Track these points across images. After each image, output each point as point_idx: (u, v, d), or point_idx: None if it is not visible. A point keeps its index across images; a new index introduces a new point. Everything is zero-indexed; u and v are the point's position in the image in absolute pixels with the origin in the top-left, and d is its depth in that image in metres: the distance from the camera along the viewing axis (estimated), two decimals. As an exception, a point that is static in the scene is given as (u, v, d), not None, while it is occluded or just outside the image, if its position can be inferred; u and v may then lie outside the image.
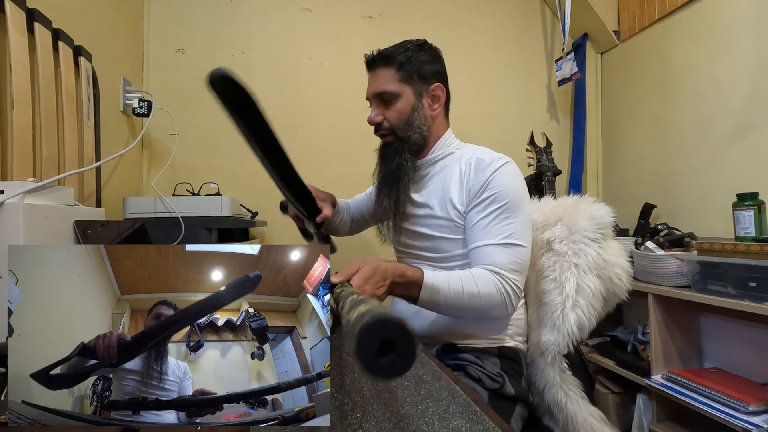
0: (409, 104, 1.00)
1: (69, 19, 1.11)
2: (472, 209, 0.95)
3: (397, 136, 1.02)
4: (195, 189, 1.42)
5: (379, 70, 1.01)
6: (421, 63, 1.00)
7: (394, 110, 1.01)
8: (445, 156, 1.05)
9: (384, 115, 1.02)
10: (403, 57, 0.99)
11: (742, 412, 1.15)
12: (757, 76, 1.46)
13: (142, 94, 1.48)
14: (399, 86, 1.00)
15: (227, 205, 1.25)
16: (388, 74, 1.00)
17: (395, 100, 1.00)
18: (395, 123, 1.01)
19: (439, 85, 1.03)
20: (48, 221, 0.74)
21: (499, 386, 0.86)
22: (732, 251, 1.21)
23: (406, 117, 1.00)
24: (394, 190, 1.02)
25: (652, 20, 1.88)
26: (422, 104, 1.02)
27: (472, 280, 0.86)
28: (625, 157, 2.08)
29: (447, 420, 0.43)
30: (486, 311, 0.89)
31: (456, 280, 0.86)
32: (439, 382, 0.54)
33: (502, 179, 0.93)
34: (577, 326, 0.91)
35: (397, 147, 1.02)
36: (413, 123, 1.01)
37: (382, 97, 1.01)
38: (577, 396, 0.94)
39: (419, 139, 1.02)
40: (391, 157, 1.02)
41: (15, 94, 0.88)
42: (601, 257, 0.94)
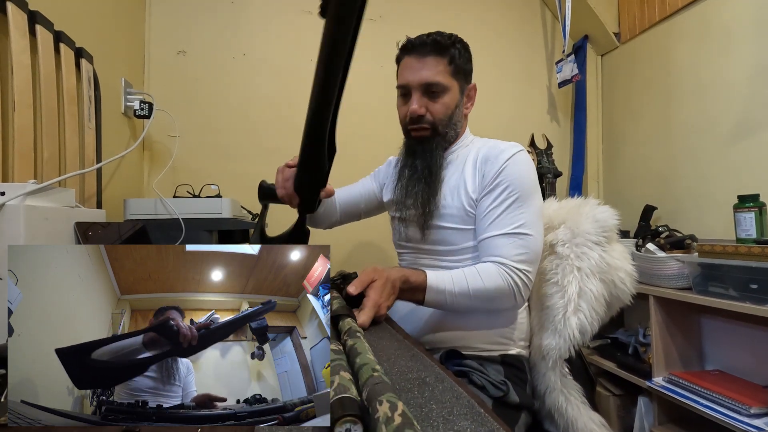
0: (454, 100, 0.97)
1: (70, 21, 1.11)
2: (483, 196, 0.93)
3: (437, 131, 0.98)
4: (196, 191, 1.42)
5: (430, 58, 0.95)
6: (465, 60, 0.98)
7: (441, 104, 0.96)
8: (459, 148, 1.03)
9: (428, 108, 0.97)
10: (456, 51, 0.96)
11: (744, 414, 1.14)
12: (758, 78, 1.46)
13: (143, 95, 1.49)
14: (449, 80, 0.96)
15: (228, 207, 1.25)
16: (441, 65, 0.95)
17: (444, 93, 0.96)
18: (440, 117, 0.97)
19: (474, 86, 1.03)
20: (49, 223, 0.74)
21: (503, 394, 0.84)
22: (733, 253, 1.20)
23: (450, 113, 0.97)
24: (426, 186, 0.97)
25: (653, 22, 1.88)
26: (462, 101, 1.00)
27: (476, 276, 0.86)
28: (626, 158, 2.08)
29: (452, 422, 0.43)
30: (494, 304, 0.89)
31: (460, 278, 0.86)
32: (443, 384, 0.54)
33: (515, 167, 0.92)
34: (579, 331, 0.89)
35: (437, 142, 0.98)
36: (453, 119, 0.98)
37: (431, 88, 0.95)
38: (578, 401, 0.93)
39: (453, 136, 1.01)
40: (431, 152, 0.98)
41: (16, 95, 0.88)
42: (604, 261, 0.93)
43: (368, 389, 0.40)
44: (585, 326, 0.90)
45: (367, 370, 0.44)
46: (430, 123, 0.97)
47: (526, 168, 0.94)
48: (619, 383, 1.67)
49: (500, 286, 0.86)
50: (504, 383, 0.86)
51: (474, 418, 0.44)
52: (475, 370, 0.87)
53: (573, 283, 0.92)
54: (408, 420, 0.34)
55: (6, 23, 0.87)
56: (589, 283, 0.92)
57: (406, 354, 0.70)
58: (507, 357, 0.94)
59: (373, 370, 0.43)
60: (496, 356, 0.94)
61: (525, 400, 0.87)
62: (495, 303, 0.89)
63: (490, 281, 0.86)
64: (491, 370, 0.89)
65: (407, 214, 1.01)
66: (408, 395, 0.50)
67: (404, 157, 1.03)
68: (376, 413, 0.36)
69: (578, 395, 0.94)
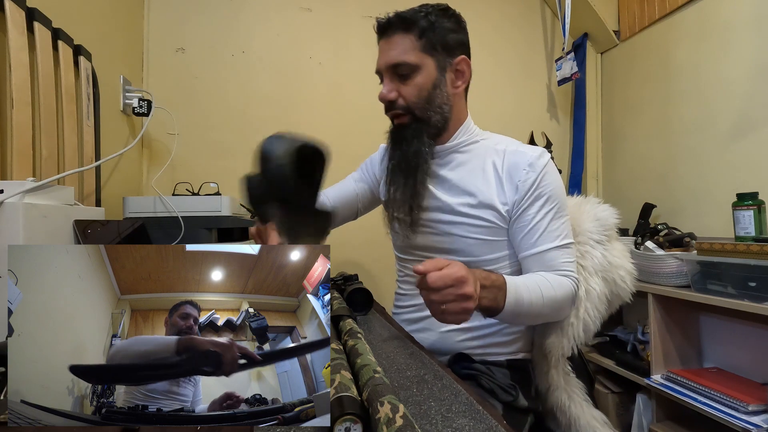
0: (430, 79, 0.86)
1: (69, 19, 1.11)
2: (524, 210, 0.86)
3: (415, 116, 0.88)
4: (195, 188, 1.42)
5: (396, 36, 0.86)
6: (445, 31, 0.86)
7: (413, 85, 0.86)
8: (470, 143, 0.93)
9: (399, 91, 0.87)
10: (426, 22, 0.85)
11: (742, 411, 1.15)
12: (757, 76, 1.46)
13: (141, 93, 1.48)
14: (420, 57, 0.85)
15: (227, 205, 1.25)
16: (407, 42, 0.85)
17: (414, 73, 0.85)
18: (413, 101, 0.87)
19: (464, 58, 0.89)
20: (48, 221, 0.74)
21: (512, 399, 0.83)
22: (732, 251, 1.21)
23: (426, 94, 0.86)
24: (410, 179, 0.89)
25: (653, 20, 1.88)
26: (445, 80, 0.88)
27: (549, 285, 0.81)
28: (625, 156, 2.08)
29: (450, 419, 0.43)
30: (561, 313, 0.87)
31: (534, 286, 0.79)
32: (441, 381, 0.54)
33: (551, 176, 0.87)
34: (584, 329, 0.90)
35: (416, 129, 0.88)
36: (434, 101, 0.87)
37: (399, 69, 0.86)
38: (581, 399, 0.93)
39: (440, 120, 0.89)
40: (408, 140, 0.88)
41: (14, 93, 0.88)
42: (606, 259, 0.93)
43: (369, 390, 0.40)
44: (589, 325, 0.90)
45: (368, 371, 0.44)
46: (403, 108, 0.88)
47: (557, 175, 0.90)
48: (617, 381, 1.68)
49: (569, 294, 0.84)
50: (513, 387, 0.84)
51: (472, 416, 0.44)
52: (484, 373, 0.85)
53: (582, 284, 0.92)
54: (409, 422, 0.34)
55: (4, 20, 0.87)
56: (591, 281, 0.92)
57: (405, 352, 0.70)
58: (514, 362, 0.92)
59: (374, 371, 0.43)
60: (502, 361, 0.92)
61: (532, 403, 0.87)
62: (563, 312, 0.87)
63: (562, 292, 0.82)
64: (498, 373, 0.87)
65: (396, 208, 0.93)
66: (407, 393, 0.50)
67: (388, 147, 0.94)
68: (377, 414, 0.36)
69: (581, 393, 0.94)
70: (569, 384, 0.94)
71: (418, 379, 0.55)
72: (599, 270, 0.92)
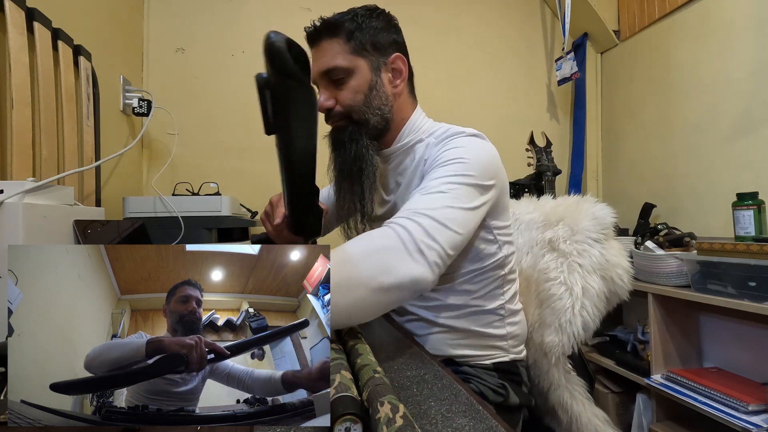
0: (365, 81, 0.83)
1: (68, 19, 1.11)
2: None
3: (352, 119, 0.84)
4: (195, 188, 1.42)
5: (323, 42, 0.83)
6: (374, 31, 0.83)
7: (348, 89, 0.82)
8: (415, 143, 0.88)
9: (336, 98, 0.84)
10: (352, 24, 0.82)
11: (742, 411, 1.15)
12: (758, 76, 1.46)
13: (141, 93, 1.48)
14: (350, 60, 0.82)
15: (227, 205, 1.25)
16: (336, 47, 0.82)
17: (348, 77, 0.82)
18: (350, 104, 0.83)
19: (399, 56, 0.86)
20: (47, 221, 0.74)
21: (503, 399, 0.82)
22: (732, 251, 1.21)
23: (362, 97, 0.83)
24: (357, 185, 0.85)
25: (652, 20, 1.88)
26: (381, 80, 0.84)
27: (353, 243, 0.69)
28: (625, 156, 2.08)
29: (450, 419, 0.43)
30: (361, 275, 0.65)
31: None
32: (441, 381, 0.54)
33: (455, 145, 0.79)
34: (583, 327, 0.90)
35: (351, 131, 0.84)
36: (372, 103, 0.83)
37: (331, 75, 0.82)
38: (583, 397, 0.93)
39: (379, 121, 0.85)
40: (344, 144, 0.84)
41: (14, 93, 0.88)
42: (604, 257, 0.93)
43: (369, 390, 0.40)
44: (588, 323, 0.91)
45: (368, 371, 0.44)
46: (341, 114, 0.84)
47: (472, 147, 0.81)
48: (617, 381, 1.68)
49: (378, 244, 0.69)
50: (502, 387, 0.83)
51: (473, 416, 0.44)
52: (472, 376, 0.84)
53: (578, 281, 0.92)
54: (409, 422, 0.34)
55: (3, 20, 0.87)
56: (590, 279, 0.92)
57: (405, 351, 0.70)
58: (500, 364, 0.88)
59: (374, 371, 0.43)
60: (488, 364, 0.88)
61: (524, 399, 0.86)
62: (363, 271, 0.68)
63: (361, 244, 0.69)
64: (486, 375, 0.85)
65: (351, 217, 0.90)
66: (407, 393, 0.50)
67: (330, 154, 0.90)
68: (377, 414, 0.36)
69: (583, 391, 0.94)
70: (570, 382, 0.94)
71: (418, 379, 0.55)
72: (597, 268, 0.93)
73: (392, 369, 0.59)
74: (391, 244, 0.62)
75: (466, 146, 0.77)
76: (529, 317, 1.01)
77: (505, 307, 0.89)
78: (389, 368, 0.59)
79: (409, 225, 0.63)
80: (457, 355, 0.88)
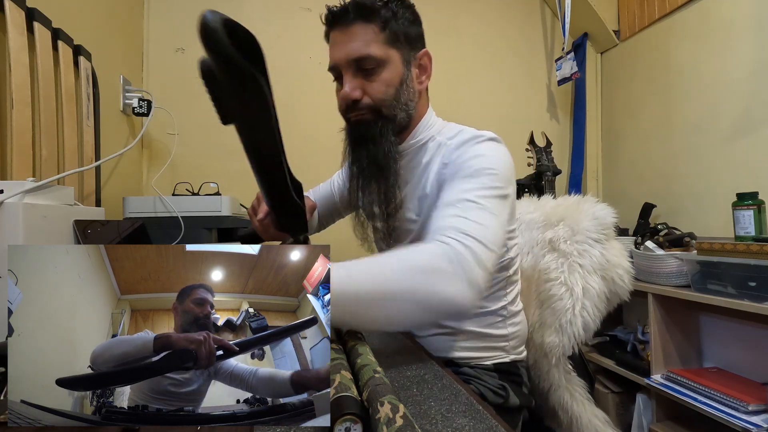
0: (397, 74, 0.78)
1: (68, 19, 1.11)
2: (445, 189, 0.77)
3: (381, 114, 0.79)
4: (195, 188, 1.42)
5: (355, 26, 0.76)
6: (407, 22, 0.79)
7: (380, 82, 0.77)
8: (427, 141, 0.85)
9: (365, 89, 0.77)
10: (388, 12, 0.76)
11: (742, 411, 1.15)
12: (757, 76, 1.46)
13: (141, 93, 1.48)
14: (385, 50, 0.76)
15: (227, 205, 1.25)
16: (370, 33, 0.75)
17: (380, 68, 0.76)
18: (381, 98, 0.77)
19: (426, 52, 0.83)
20: (47, 221, 0.74)
21: (503, 400, 0.81)
22: (732, 251, 1.21)
23: (393, 91, 0.78)
24: (381, 183, 0.81)
25: (652, 20, 1.88)
26: (411, 75, 0.80)
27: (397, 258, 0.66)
28: (625, 156, 2.08)
29: (450, 419, 0.43)
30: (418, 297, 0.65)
31: (370, 262, 0.65)
32: (441, 381, 0.54)
33: (475, 152, 0.77)
34: (584, 328, 0.90)
35: (383, 127, 0.79)
36: (401, 98, 0.79)
37: (363, 64, 0.76)
38: (583, 397, 0.93)
39: (404, 118, 0.81)
40: (373, 140, 0.79)
41: (14, 93, 0.88)
42: (604, 258, 0.93)
43: (369, 390, 0.40)
44: (589, 323, 0.90)
45: (368, 371, 0.44)
46: (369, 107, 0.78)
47: (492, 153, 0.79)
48: (617, 381, 1.67)
49: (424, 263, 0.66)
50: (503, 388, 0.82)
51: (473, 416, 0.44)
52: (472, 377, 0.83)
53: (579, 281, 0.92)
54: (409, 422, 0.34)
55: (3, 20, 0.87)
56: (590, 280, 0.92)
57: (405, 352, 0.70)
58: (501, 365, 0.87)
59: (374, 371, 0.43)
60: (488, 365, 0.87)
61: (524, 400, 0.85)
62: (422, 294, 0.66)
63: (411, 260, 0.67)
64: (486, 376, 0.85)
65: (370, 216, 0.87)
66: (407, 393, 0.50)
67: (349, 149, 0.85)
68: (377, 414, 0.36)
69: (583, 391, 0.94)
70: (571, 382, 0.94)
71: (418, 379, 0.55)
72: (598, 268, 0.93)
73: (392, 369, 0.59)
74: (443, 267, 0.60)
75: (491, 155, 0.76)
76: (530, 318, 1.01)
77: (508, 308, 0.88)
78: (389, 368, 0.59)
79: (461, 249, 0.61)
80: (458, 357, 0.87)
